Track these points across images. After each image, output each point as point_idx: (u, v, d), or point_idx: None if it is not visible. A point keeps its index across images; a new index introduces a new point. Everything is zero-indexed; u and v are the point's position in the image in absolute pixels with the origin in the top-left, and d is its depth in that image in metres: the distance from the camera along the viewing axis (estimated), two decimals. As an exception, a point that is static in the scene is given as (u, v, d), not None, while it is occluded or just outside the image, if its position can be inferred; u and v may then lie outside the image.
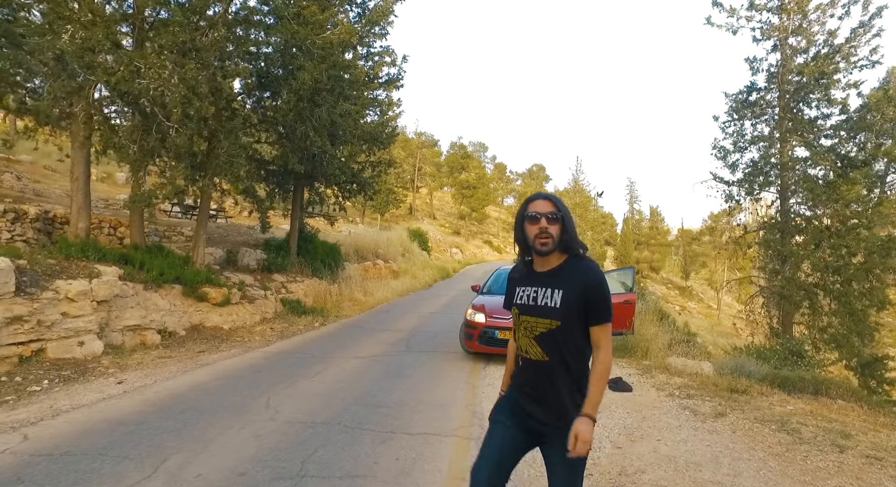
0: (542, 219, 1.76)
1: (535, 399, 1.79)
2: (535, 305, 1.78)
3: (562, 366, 1.74)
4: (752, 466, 3.41)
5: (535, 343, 1.78)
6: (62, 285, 6.96)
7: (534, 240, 1.78)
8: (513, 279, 1.95)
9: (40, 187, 17.38)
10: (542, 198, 1.84)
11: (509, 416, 1.86)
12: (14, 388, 5.46)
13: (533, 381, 1.80)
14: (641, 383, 5.85)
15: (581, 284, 1.73)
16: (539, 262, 1.85)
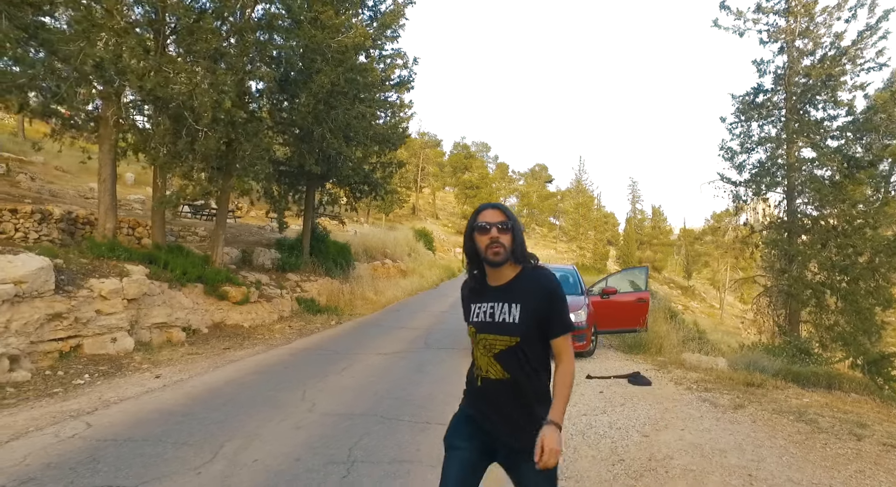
0: (493, 229, 1.68)
1: (498, 421, 1.69)
2: (493, 321, 1.70)
3: (524, 383, 1.67)
4: (774, 452, 3.62)
5: (494, 362, 1.68)
6: (96, 284, 7.19)
7: (485, 251, 1.69)
8: (465, 296, 1.86)
9: (55, 187, 17.63)
10: (492, 207, 1.76)
11: (468, 439, 1.75)
12: (59, 381, 5.70)
13: (495, 402, 1.70)
14: (659, 377, 6.07)
15: (538, 295, 1.67)
16: (492, 275, 1.75)
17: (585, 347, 7.05)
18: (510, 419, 1.67)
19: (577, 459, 3.56)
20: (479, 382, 1.74)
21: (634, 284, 8.67)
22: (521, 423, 1.65)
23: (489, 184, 58.29)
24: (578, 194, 71.43)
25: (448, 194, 65.25)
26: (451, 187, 59.71)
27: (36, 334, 6.22)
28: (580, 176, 71.62)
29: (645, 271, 8.54)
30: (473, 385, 1.79)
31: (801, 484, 3.09)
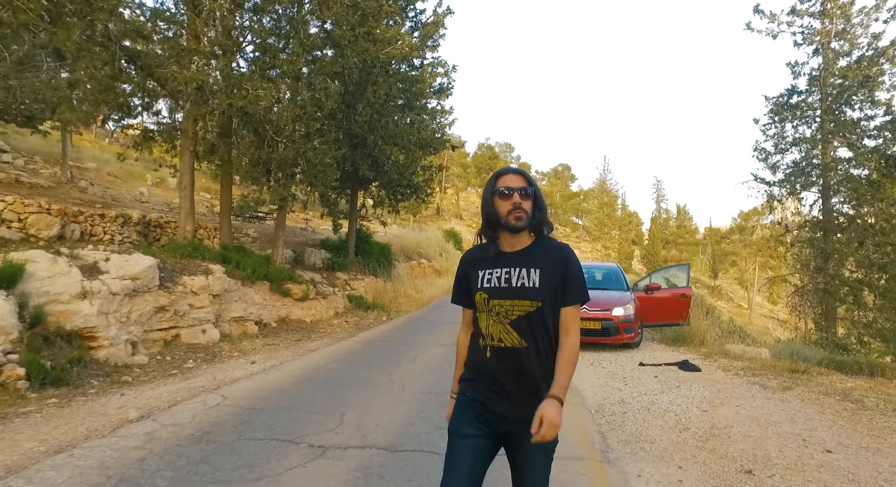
0: (515, 194, 1.64)
1: (508, 395, 1.62)
2: (510, 286, 1.63)
3: (539, 352, 1.61)
4: (824, 424, 4.14)
5: (511, 329, 1.61)
6: (188, 281, 8.04)
7: (507, 216, 1.64)
8: (473, 262, 1.76)
9: (113, 192, 18.85)
10: (513, 172, 1.73)
11: (474, 425, 1.64)
12: (172, 365, 6.52)
13: (506, 373, 1.62)
14: (707, 365, 6.58)
15: (558, 261, 1.65)
16: (507, 241, 1.70)
17: (633, 338, 7.58)
18: (524, 389, 1.60)
19: (647, 428, 4.14)
20: (489, 353, 1.65)
21: (676, 280, 9.17)
22: (537, 393, 1.57)
23: (513, 184, 58.67)
24: (602, 193, 71.22)
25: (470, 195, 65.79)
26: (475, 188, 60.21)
27: (147, 324, 7.07)
28: (604, 176, 71.43)
29: (686, 268, 9.03)
30: (480, 359, 1.68)
31: (851, 448, 3.61)
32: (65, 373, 5.45)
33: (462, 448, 1.61)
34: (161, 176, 26.27)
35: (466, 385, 1.73)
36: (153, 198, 20.73)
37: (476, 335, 1.73)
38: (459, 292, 1.80)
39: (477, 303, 1.68)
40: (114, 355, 6.31)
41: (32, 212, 9.30)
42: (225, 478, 3.12)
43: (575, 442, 3.78)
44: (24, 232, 9.15)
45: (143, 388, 5.45)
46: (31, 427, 4.10)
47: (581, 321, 6.73)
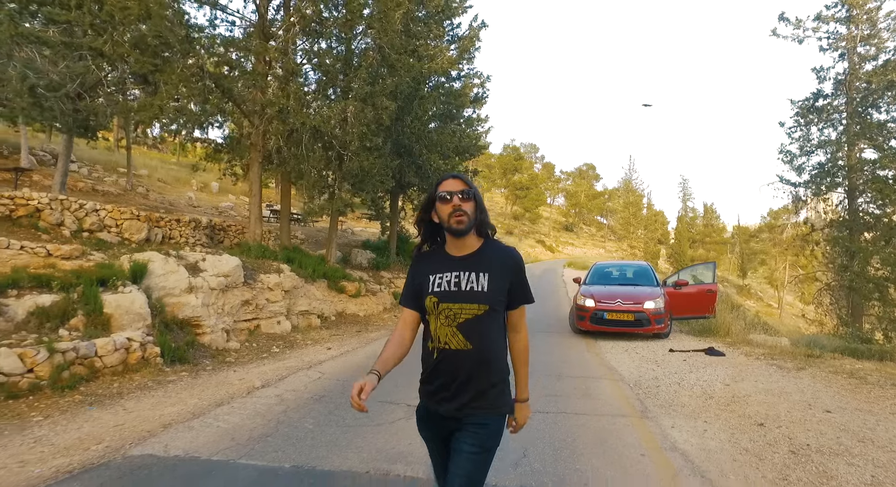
0: (454, 197, 1.67)
1: (453, 396, 1.68)
2: (460, 290, 1.67)
3: (484, 353, 1.67)
4: (828, 394, 4.94)
5: (457, 332, 1.66)
6: (264, 278, 9.18)
7: (448, 219, 1.68)
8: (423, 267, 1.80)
9: (168, 197, 20.39)
10: (452, 177, 1.76)
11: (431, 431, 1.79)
12: (260, 350, 7.64)
13: (453, 372, 1.67)
14: (730, 352, 7.36)
15: (506, 266, 1.71)
16: (455, 245, 1.75)
17: (664, 329, 8.39)
18: (466, 388, 1.66)
19: (678, 396, 5.01)
20: (436, 355, 1.70)
21: (702, 277, 9.93)
22: (477, 392, 1.66)
23: (538, 184, 59.20)
24: (628, 192, 71.08)
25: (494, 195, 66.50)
26: (502, 189, 60.91)
27: (236, 315, 8.22)
28: (630, 175, 71.27)
29: (713, 266, 9.78)
30: (429, 362, 1.74)
31: (848, 410, 4.42)
32: (184, 353, 6.61)
33: (432, 452, 1.84)
34: (204, 181, 28.06)
35: (420, 389, 1.81)
36: (201, 202, 22.30)
37: (426, 338, 1.76)
38: (407, 295, 1.83)
39: (427, 307, 1.71)
40: (214, 340, 7.46)
41: (126, 218, 10.60)
42: (353, 423, 4.13)
43: (619, 406, 4.69)
44: (119, 236, 10.44)
45: (248, 366, 6.56)
46: (184, 390, 5.22)
47: (615, 314, 7.63)
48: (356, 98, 8.26)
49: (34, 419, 4.19)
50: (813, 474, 3.13)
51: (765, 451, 3.52)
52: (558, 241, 60.93)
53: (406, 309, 1.82)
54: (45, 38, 9.94)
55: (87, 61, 10.54)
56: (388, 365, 1.71)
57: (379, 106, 8.44)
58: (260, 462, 3.31)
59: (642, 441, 3.75)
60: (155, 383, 5.54)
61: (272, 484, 3.03)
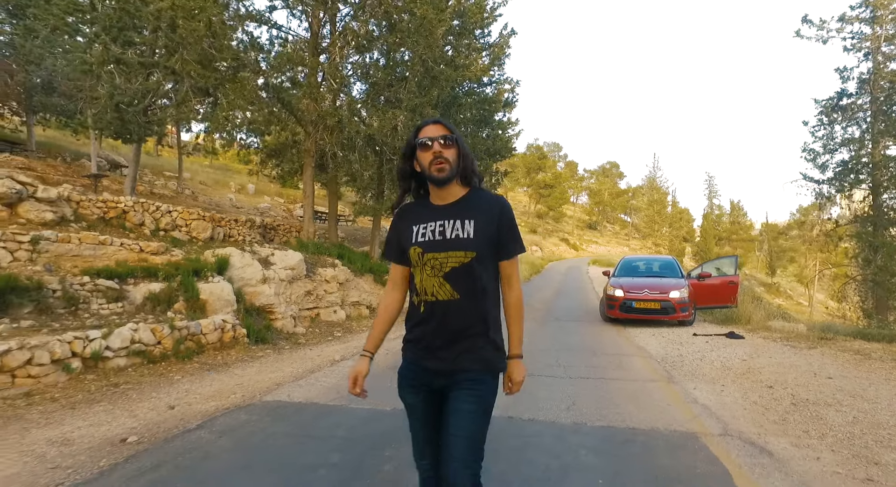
0: (435, 143, 1.58)
1: (441, 349, 1.60)
2: (445, 239, 1.59)
3: (473, 302, 1.58)
4: (833, 367, 5.66)
5: (444, 282, 1.58)
6: (322, 271, 10.21)
7: (429, 167, 1.59)
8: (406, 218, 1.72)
9: (213, 199, 21.78)
10: (433, 122, 1.66)
11: (415, 391, 1.68)
12: (323, 334, 8.65)
13: (440, 326, 1.59)
14: (750, 336, 8.07)
15: (493, 212, 1.62)
16: (438, 195, 1.66)
17: (688, 317, 9.11)
18: (456, 341, 1.58)
19: (700, 368, 5.80)
20: (423, 308, 1.62)
21: (725, 269, 10.60)
22: (469, 344, 1.58)
23: (561, 183, 59.55)
24: (652, 190, 70.77)
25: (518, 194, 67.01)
26: (525, 188, 61.42)
27: (301, 304, 9.27)
28: (654, 173, 70.99)
29: (734, 259, 10.46)
30: (415, 316, 1.66)
31: (848, 377, 5.15)
32: (264, 334, 7.65)
33: (412, 415, 1.70)
34: (241, 183, 29.60)
35: (406, 347, 1.72)
36: (241, 203, 23.68)
37: (411, 292, 1.69)
38: (390, 248, 1.75)
39: (412, 258, 1.64)
40: (285, 325, 8.50)
41: (194, 219, 11.79)
42: (428, 384, 5.06)
43: (648, 374, 5.51)
44: (188, 234, 11.63)
45: (319, 347, 7.56)
46: (276, 362, 6.24)
47: (643, 303, 8.44)
48: (406, 108, 9.21)
49: (174, 378, 5.24)
50: (808, 417, 3.92)
51: (770, 404, 4.32)
52: (582, 239, 61.14)
53: (394, 264, 1.75)
54: (124, 59, 11.19)
55: (158, 77, 11.79)
56: (378, 341, 1.70)
57: (426, 115, 9.34)
58: (366, 406, 4.25)
59: (668, 396, 4.58)
60: (248, 357, 6.58)
61: (381, 419, 3.95)
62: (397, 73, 10.50)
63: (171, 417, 3.96)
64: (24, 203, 8.34)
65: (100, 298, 6.54)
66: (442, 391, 1.63)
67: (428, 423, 1.66)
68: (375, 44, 10.72)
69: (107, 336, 5.32)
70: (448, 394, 1.61)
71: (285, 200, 29.35)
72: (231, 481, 2.76)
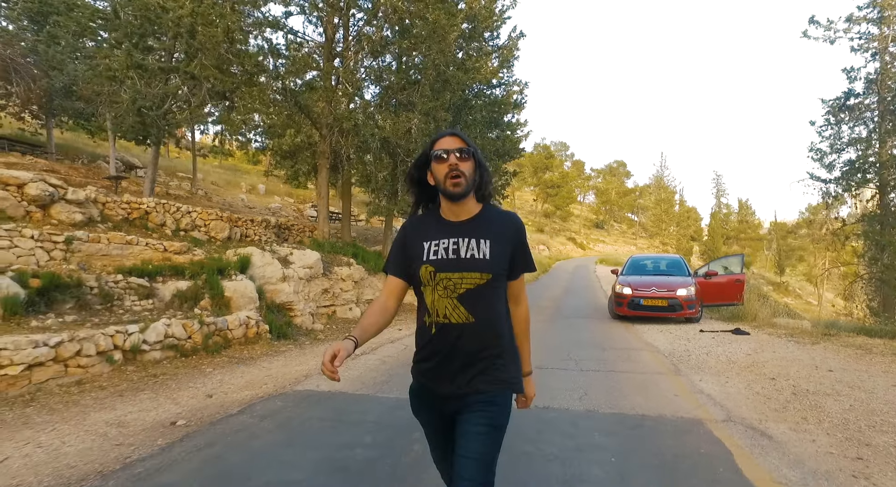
0: (451, 156, 1.51)
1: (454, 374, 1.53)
2: (459, 258, 1.51)
3: (487, 326, 1.52)
4: (834, 361, 5.88)
5: (458, 304, 1.49)
6: (338, 270, 10.53)
7: (444, 181, 1.52)
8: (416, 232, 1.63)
9: (225, 199, 22.19)
10: (449, 135, 1.59)
11: (427, 411, 1.65)
12: (340, 330, 8.97)
13: (451, 350, 1.52)
14: (755, 332, 8.29)
15: (508, 232, 1.58)
16: (451, 210, 1.58)
17: (695, 314, 9.34)
18: (468, 365, 1.52)
19: (706, 362, 6.05)
20: (434, 330, 1.54)
21: (732, 268, 10.83)
22: (482, 367, 1.52)
23: (568, 182, 59.66)
24: (659, 189, 70.63)
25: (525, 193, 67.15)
26: (532, 187, 61.58)
27: (318, 301, 9.59)
28: (661, 172, 70.82)
29: (741, 258, 10.69)
30: (426, 337, 1.57)
31: (847, 370, 5.38)
32: (285, 331, 7.97)
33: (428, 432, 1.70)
34: (252, 184, 30.09)
35: (414, 369, 1.65)
36: (253, 203, 24.12)
37: (421, 312, 1.60)
38: (394, 262, 1.65)
39: (422, 277, 1.55)
40: (304, 322, 8.83)
41: (212, 219, 12.15)
42: (446, 376, 5.35)
43: (656, 367, 5.77)
44: (207, 234, 11.99)
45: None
46: (300, 356, 6.55)
47: (651, 300, 8.68)
48: (420, 112, 9.51)
49: (206, 370, 5.57)
50: (807, 405, 4.17)
51: (772, 394, 4.57)
52: (589, 238, 61.22)
53: (392, 277, 1.64)
54: (146, 65, 11.57)
55: (177, 82, 12.16)
56: (367, 333, 1.57)
57: (439, 118, 9.65)
58: (392, 395, 4.54)
59: (675, 387, 4.84)
60: (273, 351, 6.90)
61: (406, 408, 4.21)
62: (410, 76, 10.80)
63: (211, 404, 4.27)
64: (56, 205, 8.72)
65: (132, 295, 6.89)
66: (453, 414, 1.56)
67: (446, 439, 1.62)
68: (389, 48, 11.02)
69: (144, 331, 5.65)
70: (458, 417, 1.54)
71: (295, 200, 29.80)
72: (279, 456, 3.06)
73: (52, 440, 3.30)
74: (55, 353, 4.50)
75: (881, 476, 2.76)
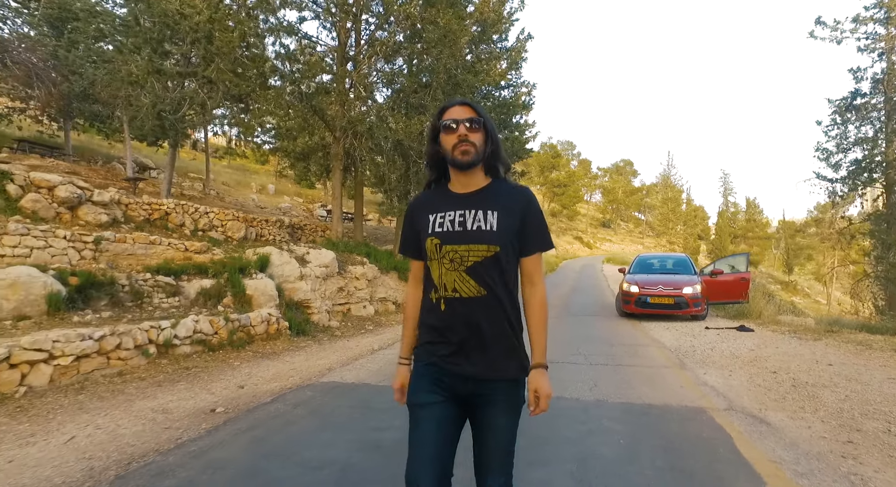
0: (461, 126, 1.45)
1: (468, 352, 1.44)
2: (465, 230, 1.45)
3: (500, 300, 1.44)
4: (835, 355, 6.10)
5: (467, 277, 1.43)
6: (352, 269, 10.84)
7: (452, 151, 1.46)
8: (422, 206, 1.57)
9: (238, 200, 22.57)
10: (459, 104, 1.51)
11: (433, 392, 1.47)
12: (356, 328, 9.27)
13: (465, 327, 1.43)
14: (759, 329, 8.51)
15: (518, 204, 1.49)
16: (460, 181, 1.52)
17: (701, 311, 9.56)
18: (485, 343, 1.43)
19: (710, 357, 6.29)
20: (443, 306, 1.46)
21: (735, 267, 11.03)
22: (499, 346, 1.44)
23: (575, 181, 59.77)
24: (666, 188, 70.52)
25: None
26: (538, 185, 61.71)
27: (334, 299, 9.90)
28: (668, 171, 70.73)
29: (746, 256, 10.89)
30: (434, 313, 1.49)
31: (847, 364, 5.60)
32: (304, 327, 8.28)
33: (424, 419, 1.46)
34: (261, 184, 30.51)
35: (422, 350, 1.54)
36: (264, 203, 24.52)
37: (428, 288, 1.54)
38: (406, 242, 1.61)
39: (427, 250, 1.50)
40: (321, 319, 9.14)
41: (229, 219, 12.51)
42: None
43: (662, 361, 6.02)
44: (224, 234, 12.35)
45: (355, 338, 8.17)
46: (320, 352, 6.85)
47: (657, 298, 8.95)
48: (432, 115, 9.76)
49: (234, 363, 5.89)
50: (804, 396, 4.41)
51: (773, 386, 4.81)
52: (596, 237, 61.29)
53: (412, 261, 1.61)
54: (164, 70, 11.94)
55: (195, 86, 12.51)
56: (412, 345, 1.58)
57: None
58: (411, 385, 4.83)
59: (680, 380, 5.09)
60: (293, 347, 7.21)
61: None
62: (421, 79, 11.09)
63: (243, 394, 4.58)
64: (83, 206, 9.10)
65: (160, 293, 7.22)
66: (468, 398, 1.47)
67: (441, 430, 1.44)
68: (401, 52, 11.31)
69: (174, 326, 5.97)
70: (477, 403, 1.46)
71: (304, 199, 30.19)
72: (317, 437, 3.35)
73: (107, 423, 3.61)
74: (99, 346, 4.82)
75: (867, 456, 3.01)
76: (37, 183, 8.51)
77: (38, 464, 2.88)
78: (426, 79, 10.65)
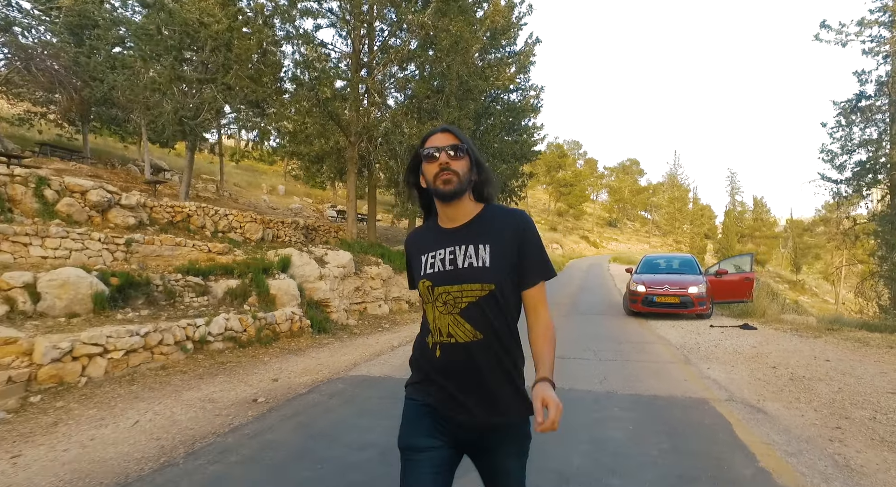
0: (442, 154, 1.35)
1: (466, 401, 1.34)
2: (456, 269, 1.35)
3: (500, 342, 1.34)
4: (834, 352, 6.41)
5: (461, 320, 1.33)
6: (367, 269, 11.22)
7: (434, 180, 1.36)
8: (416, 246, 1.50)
9: (250, 201, 23.03)
10: (441, 131, 1.41)
11: (432, 435, 1.37)
12: (374, 326, 9.64)
13: (462, 373, 1.34)
14: (762, 327, 8.81)
15: (511, 232, 1.38)
16: (447, 214, 1.42)
17: (706, 310, 9.87)
18: (485, 390, 1.34)
19: (714, 353, 6.62)
20: (439, 352, 1.36)
21: (740, 267, 11.33)
22: (501, 394, 1.35)
23: (581, 181, 59.98)
24: (673, 187, 70.60)
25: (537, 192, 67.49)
26: (544, 185, 61.94)
27: (351, 298, 10.28)
28: (675, 170, 70.79)
29: (750, 257, 11.19)
30: (429, 359, 1.40)
31: (844, 360, 5.91)
32: (325, 325, 8.67)
33: (421, 465, 1.34)
34: (272, 185, 31.00)
35: (416, 389, 1.46)
36: (276, 204, 24.98)
37: (423, 331, 1.46)
38: (412, 281, 1.55)
39: (421, 293, 1.42)
40: (339, 318, 9.52)
41: (247, 221, 12.93)
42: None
43: (668, 357, 6.35)
44: (243, 236, 12.77)
45: (374, 336, 8.55)
46: (342, 348, 7.23)
47: (663, 297, 9.29)
48: (445, 121, 10.16)
49: (264, 359, 6.28)
50: (801, 388, 4.74)
51: (772, 379, 5.14)
52: (602, 237, 61.44)
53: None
54: (184, 76, 12.37)
55: (213, 92, 12.93)
56: None
57: (463, 127, 10.27)
58: (433, 378, 5.19)
59: (685, 374, 5.43)
60: (316, 344, 7.60)
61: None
62: (433, 85, 11.45)
63: (279, 386, 4.96)
64: (112, 210, 9.54)
65: (190, 292, 7.63)
66: (471, 443, 1.40)
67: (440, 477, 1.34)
68: (414, 60, 11.68)
69: (208, 324, 6.38)
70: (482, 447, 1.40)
71: (314, 200, 30.65)
72: (356, 423, 3.72)
73: (163, 409, 4.01)
74: (144, 341, 5.22)
75: (852, 440, 3.35)
76: (70, 188, 8.95)
77: (115, 442, 3.27)
78: (438, 84, 11.01)
